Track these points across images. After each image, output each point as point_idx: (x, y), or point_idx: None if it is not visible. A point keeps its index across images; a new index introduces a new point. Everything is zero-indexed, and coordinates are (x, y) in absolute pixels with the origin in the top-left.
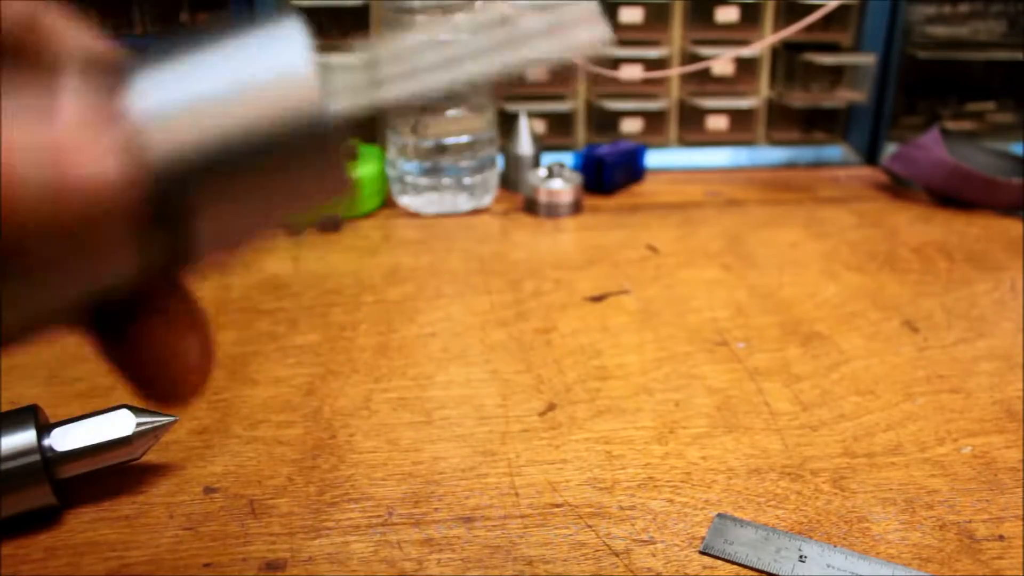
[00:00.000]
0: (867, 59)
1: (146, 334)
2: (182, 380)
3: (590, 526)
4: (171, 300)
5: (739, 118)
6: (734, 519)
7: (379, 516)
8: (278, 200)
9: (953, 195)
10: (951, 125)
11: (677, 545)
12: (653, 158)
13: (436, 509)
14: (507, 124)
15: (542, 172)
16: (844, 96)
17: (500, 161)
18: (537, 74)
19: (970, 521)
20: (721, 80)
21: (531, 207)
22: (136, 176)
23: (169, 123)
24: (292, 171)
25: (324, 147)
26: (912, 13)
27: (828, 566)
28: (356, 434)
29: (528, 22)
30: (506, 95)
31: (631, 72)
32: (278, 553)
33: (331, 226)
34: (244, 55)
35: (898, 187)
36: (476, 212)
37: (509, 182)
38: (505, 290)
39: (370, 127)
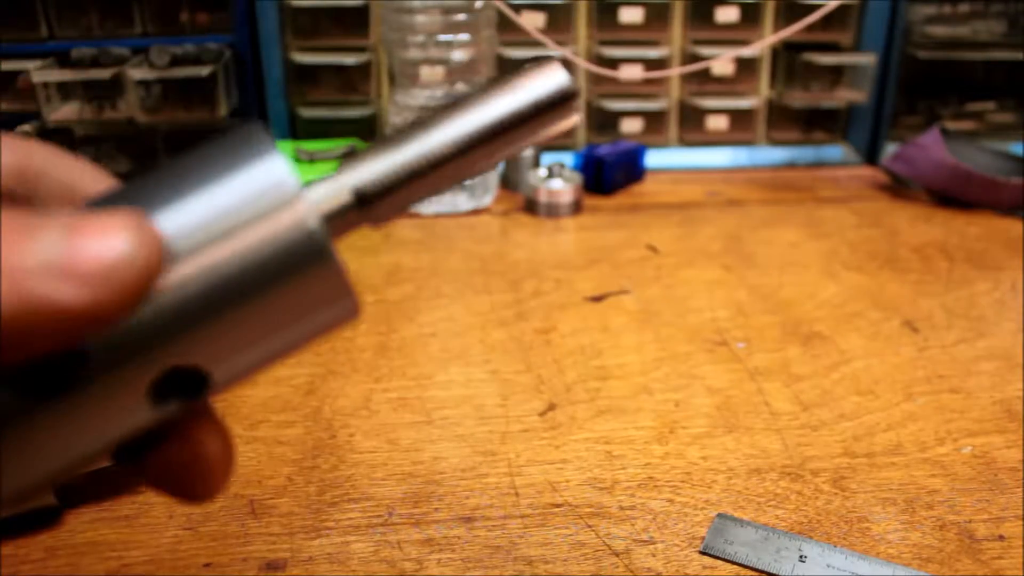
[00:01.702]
0: (867, 59)
1: (164, 451)
2: (204, 481)
3: (590, 526)
4: (188, 418)
5: (739, 118)
6: (734, 519)
7: (379, 516)
8: (289, 332)
9: (953, 195)
10: (951, 125)
11: (677, 545)
12: (653, 158)
13: (436, 509)
14: None
15: (542, 172)
16: (844, 96)
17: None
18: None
19: (970, 521)
20: (721, 80)
21: (531, 207)
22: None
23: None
24: (298, 302)
25: (327, 274)
26: (912, 13)
27: (828, 566)
28: (356, 434)
29: (490, 84)
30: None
31: (631, 72)
32: (278, 553)
33: None
34: (228, 194)
35: (898, 187)
36: (476, 212)
37: (509, 182)
38: (505, 290)
39: (370, 127)
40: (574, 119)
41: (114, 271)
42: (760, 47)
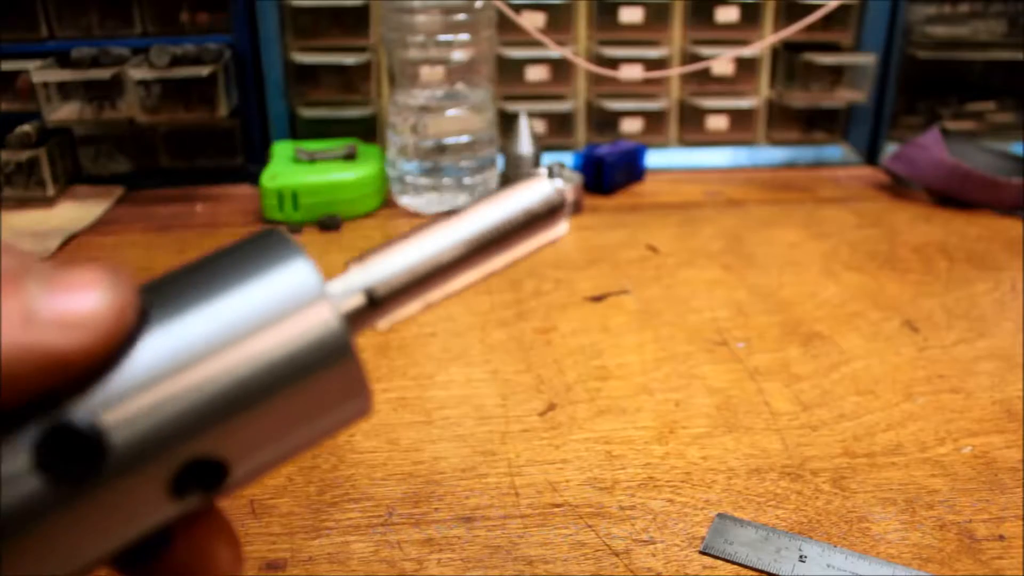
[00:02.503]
0: (867, 59)
1: (170, 559)
2: None
3: (590, 526)
4: (197, 522)
5: (739, 118)
6: (734, 519)
7: (379, 516)
8: (307, 427)
9: (953, 195)
10: (951, 125)
11: (677, 545)
12: (653, 158)
13: (436, 509)
14: (507, 124)
15: (542, 172)
16: (844, 96)
17: (500, 161)
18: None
19: (970, 521)
20: (721, 80)
21: None
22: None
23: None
24: (319, 396)
25: (348, 368)
26: (912, 13)
27: (828, 566)
28: (356, 434)
29: (484, 197)
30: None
31: (631, 72)
32: (278, 553)
33: (331, 226)
34: (255, 293)
35: (898, 187)
36: None
37: (509, 182)
38: (505, 290)
39: (370, 127)
40: (564, 228)
41: (88, 320)
42: (760, 47)
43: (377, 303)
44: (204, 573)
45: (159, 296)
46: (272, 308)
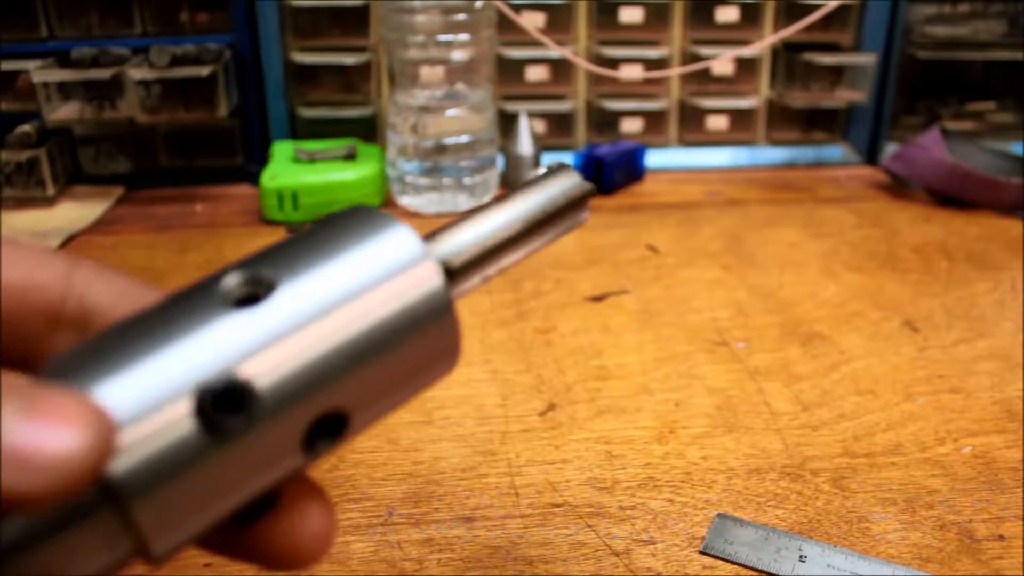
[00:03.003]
0: (867, 59)
1: (271, 521)
2: (306, 551)
3: (590, 526)
4: (296, 490)
5: (739, 118)
6: (734, 519)
7: (379, 516)
8: (414, 379)
9: (953, 195)
10: (951, 125)
11: (677, 545)
12: (653, 158)
13: (436, 509)
14: (507, 124)
15: (542, 172)
16: (844, 96)
17: (500, 161)
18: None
19: (970, 521)
20: (721, 80)
21: None
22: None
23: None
24: (425, 349)
25: (450, 324)
26: (912, 13)
27: (828, 566)
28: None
29: (528, 184)
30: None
31: (631, 72)
32: None
33: None
34: (369, 257)
35: (898, 187)
36: None
37: (509, 182)
38: (505, 290)
39: (370, 127)
40: (587, 215)
41: (55, 462)
42: (760, 47)
43: (452, 274)
44: (301, 534)
45: (274, 262)
46: (386, 268)
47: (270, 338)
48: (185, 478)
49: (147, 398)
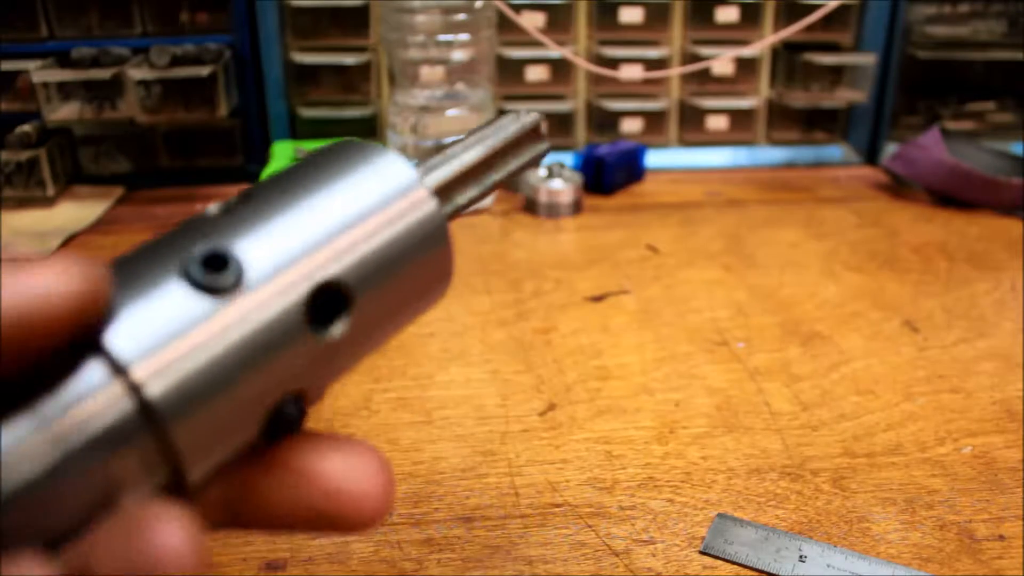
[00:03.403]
0: (867, 59)
1: (306, 454)
2: (353, 499)
3: (590, 526)
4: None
5: (739, 118)
6: (734, 519)
7: None
8: (414, 292)
9: (953, 195)
10: (951, 125)
11: (677, 545)
12: (653, 158)
13: (436, 509)
14: None
15: (542, 172)
16: (844, 96)
17: None
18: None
19: (970, 521)
20: (721, 80)
21: (531, 207)
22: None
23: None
24: (425, 270)
25: (444, 242)
26: (912, 13)
27: (828, 566)
28: (356, 434)
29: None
30: (505, 95)
31: (631, 72)
32: (278, 553)
33: None
34: (370, 184)
35: (898, 187)
36: (476, 212)
37: (509, 182)
38: (505, 290)
39: (370, 127)
40: (547, 145)
41: (61, 276)
42: (760, 47)
43: (439, 197)
44: (347, 479)
45: (267, 189)
46: (386, 194)
47: (259, 225)
48: (204, 367)
49: (148, 291)
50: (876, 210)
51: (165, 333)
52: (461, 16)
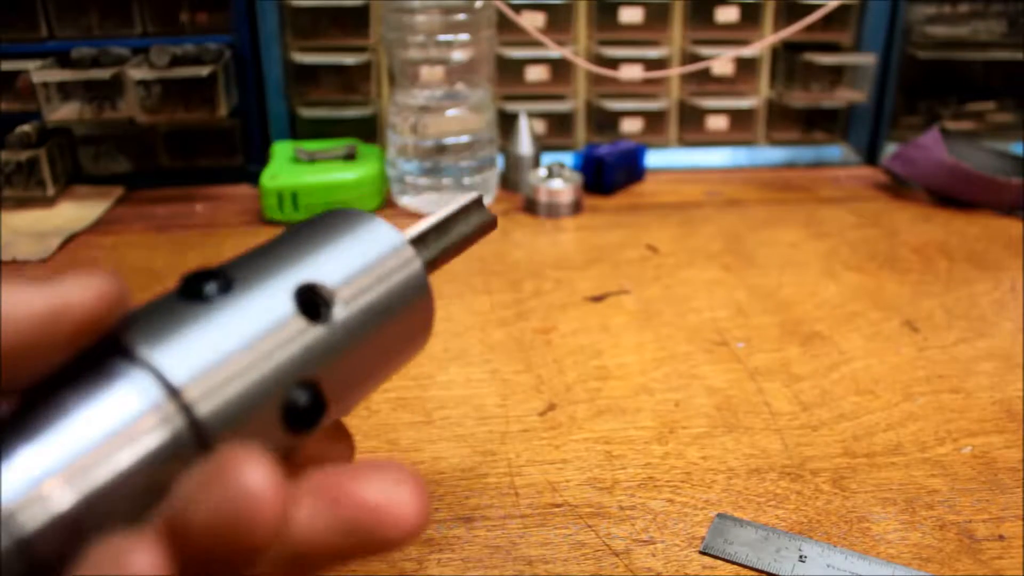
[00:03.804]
0: (867, 59)
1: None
2: (381, 512)
3: (590, 526)
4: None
5: (739, 118)
6: (734, 519)
7: None
8: (398, 351)
9: (953, 195)
10: (951, 125)
11: (677, 545)
12: (653, 158)
13: (436, 509)
14: (507, 124)
15: (542, 172)
16: (844, 96)
17: (500, 161)
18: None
19: (970, 521)
20: (721, 80)
21: (531, 207)
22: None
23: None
24: (407, 323)
25: (427, 298)
26: (912, 13)
27: (828, 566)
28: (356, 434)
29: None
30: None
31: (631, 72)
32: None
33: None
34: (361, 247)
35: (898, 187)
36: None
37: (509, 182)
38: (505, 290)
39: (370, 127)
40: (492, 215)
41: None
42: (760, 47)
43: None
44: (381, 491)
45: (258, 260)
46: (374, 255)
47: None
48: (232, 374)
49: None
50: (876, 210)
51: (208, 356)
52: (461, 16)
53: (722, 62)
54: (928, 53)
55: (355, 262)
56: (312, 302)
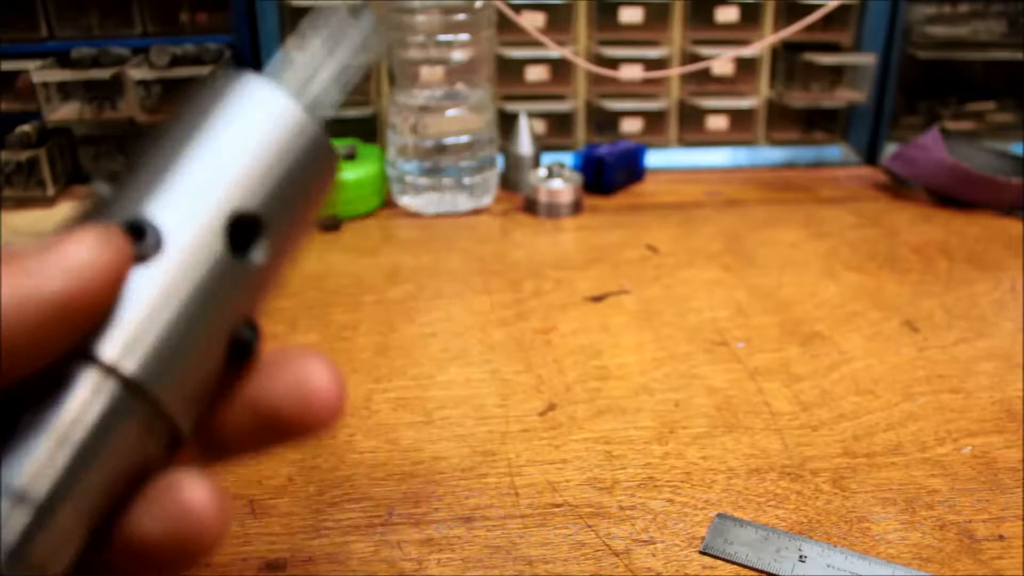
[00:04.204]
0: (867, 59)
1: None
2: (310, 403)
3: (590, 526)
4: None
5: (739, 118)
6: (734, 519)
7: (379, 516)
8: (314, 206)
9: (953, 195)
10: (951, 125)
11: (677, 545)
12: (653, 158)
13: (436, 509)
14: (507, 124)
15: (542, 172)
16: (844, 96)
17: (500, 161)
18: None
19: (970, 521)
20: (721, 80)
21: (531, 207)
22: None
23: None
24: (314, 178)
25: (326, 149)
26: (912, 13)
27: (828, 566)
28: (356, 434)
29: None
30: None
31: (631, 72)
32: (278, 553)
33: (331, 226)
34: (237, 124)
35: (898, 187)
36: (476, 212)
37: (509, 182)
38: (505, 290)
39: (370, 127)
40: (367, 22)
41: (85, 264)
42: (760, 47)
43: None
44: (304, 383)
45: (149, 149)
46: (281, 144)
47: (158, 184)
48: (163, 329)
49: None
50: (876, 210)
51: (121, 313)
52: (461, 16)
53: (722, 62)
54: (928, 53)
55: (266, 163)
56: (241, 234)
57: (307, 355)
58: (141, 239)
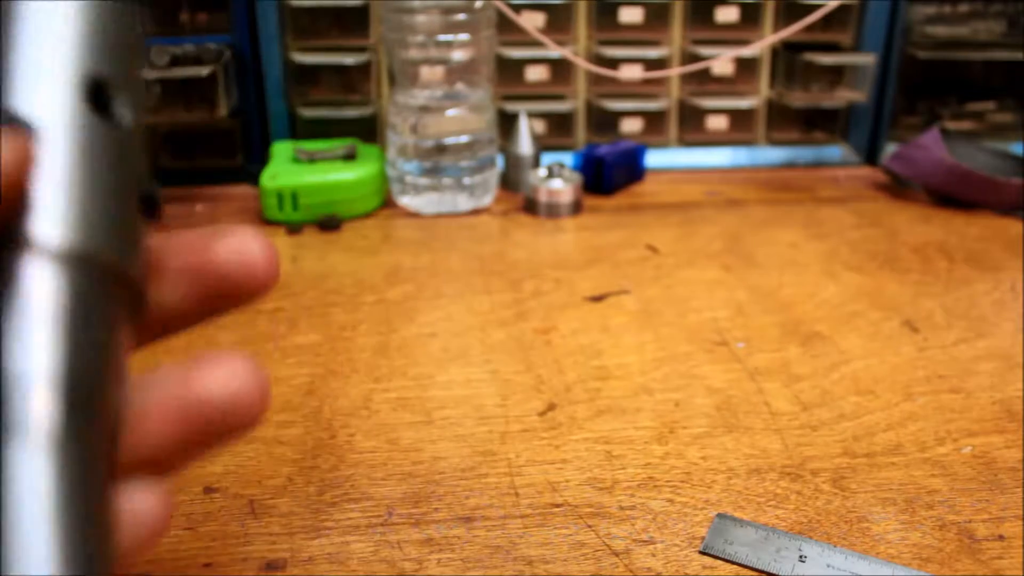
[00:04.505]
0: (867, 59)
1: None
2: (243, 260)
3: (590, 526)
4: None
5: (739, 118)
6: (734, 519)
7: (379, 516)
8: (138, 55)
9: (953, 195)
10: (951, 125)
11: (677, 545)
12: (653, 158)
13: (436, 509)
14: (507, 124)
15: (542, 172)
16: (844, 96)
17: (500, 161)
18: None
19: (970, 521)
20: (721, 80)
21: (531, 207)
22: None
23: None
24: (129, 28)
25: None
26: (912, 13)
27: (828, 566)
28: (356, 434)
29: None
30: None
31: (631, 72)
32: (278, 553)
33: (331, 226)
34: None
35: (898, 187)
36: (476, 212)
37: (509, 182)
38: (505, 290)
39: (370, 127)
40: None
41: None
42: (760, 47)
43: None
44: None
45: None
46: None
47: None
48: (72, 195)
49: None
50: (876, 210)
51: (36, 198)
52: (461, 16)
53: (722, 62)
54: (928, 53)
55: (88, 27)
56: (99, 98)
57: (242, 229)
58: (11, 123)
